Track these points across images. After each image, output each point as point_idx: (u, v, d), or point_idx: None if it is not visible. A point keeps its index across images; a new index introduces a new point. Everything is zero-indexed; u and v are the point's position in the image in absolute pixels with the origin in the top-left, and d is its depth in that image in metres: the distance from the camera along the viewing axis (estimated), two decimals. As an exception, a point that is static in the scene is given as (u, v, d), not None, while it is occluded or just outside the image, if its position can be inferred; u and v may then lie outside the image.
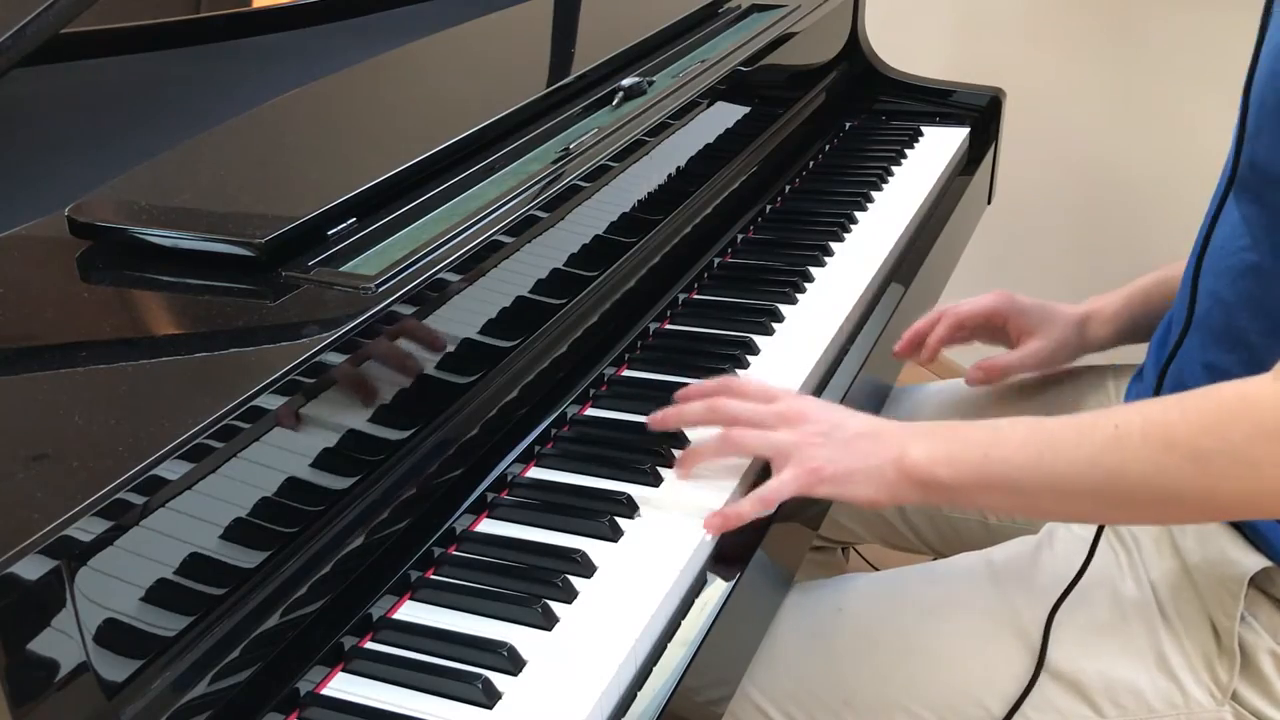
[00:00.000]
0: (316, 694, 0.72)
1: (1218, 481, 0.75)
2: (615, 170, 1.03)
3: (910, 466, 0.83)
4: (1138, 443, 0.77)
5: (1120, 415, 0.79)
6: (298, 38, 1.25)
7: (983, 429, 0.85)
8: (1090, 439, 0.79)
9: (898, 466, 0.84)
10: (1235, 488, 0.75)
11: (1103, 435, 0.78)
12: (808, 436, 0.86)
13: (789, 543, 0.94)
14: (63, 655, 0.58)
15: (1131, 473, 0.77)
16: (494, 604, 0.78)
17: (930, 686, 0.93)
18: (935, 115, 1.59)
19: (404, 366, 0.81)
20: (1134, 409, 0.80)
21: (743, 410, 0.89)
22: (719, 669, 0.83)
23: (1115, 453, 0.78)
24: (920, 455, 0.83)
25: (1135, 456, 0.77)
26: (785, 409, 0.88)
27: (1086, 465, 0.79)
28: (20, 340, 0.75)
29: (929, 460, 0.83)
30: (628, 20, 1.30)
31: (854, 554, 1.69)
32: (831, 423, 0.87)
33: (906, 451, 0.84)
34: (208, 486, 0.66)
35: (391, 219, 0.88)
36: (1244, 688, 0.88)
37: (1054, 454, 0.80)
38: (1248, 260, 0.88)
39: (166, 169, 0.91)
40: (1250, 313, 0.88)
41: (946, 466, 0.83)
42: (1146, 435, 0.77)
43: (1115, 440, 0.78)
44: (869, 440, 0.86)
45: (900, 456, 0.84)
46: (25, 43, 0.80)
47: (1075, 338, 1.13)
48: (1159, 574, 0.92)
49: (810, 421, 0.87)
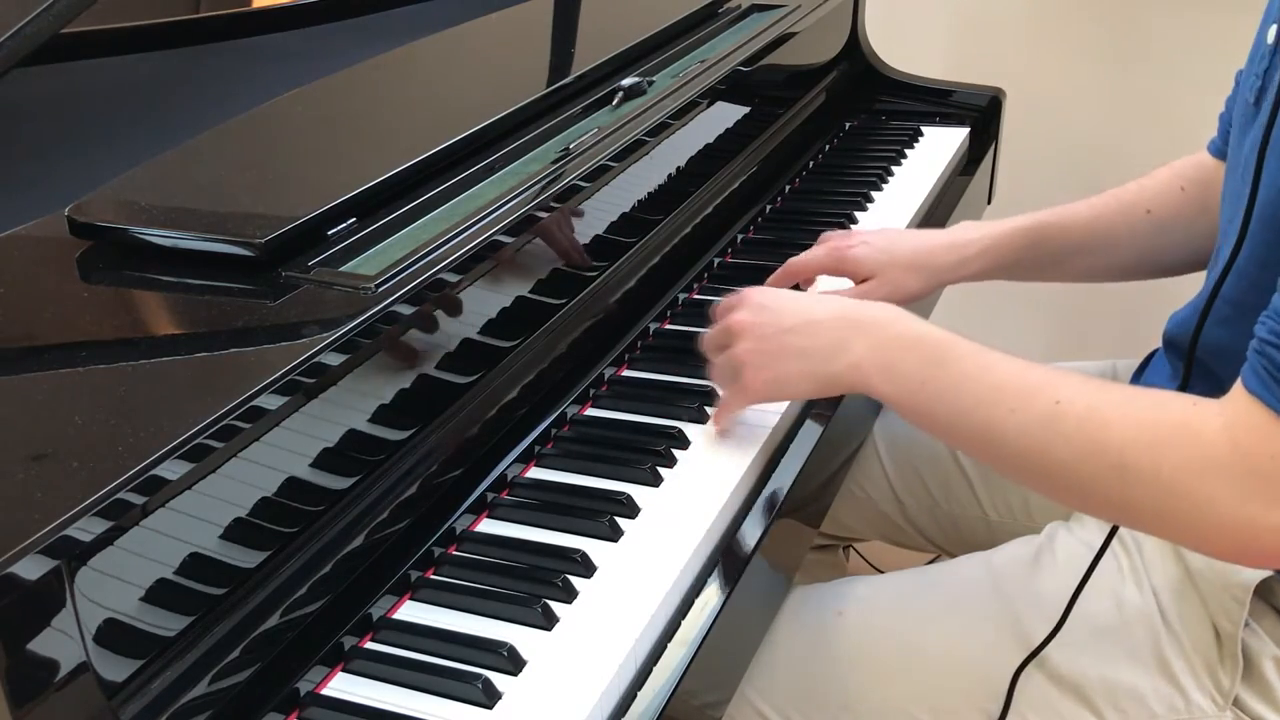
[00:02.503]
0: (316, 694, 0.72)
1: (1136, 497, 0.74)
2: (615, 170, 1.03)
3: (846, 369, 0.84)
4: (1071, 428, 0.75)
5: (1066, 390, 0.76)
6: (298, 38, 1.25)
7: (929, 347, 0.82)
8: (1029, 406, 0.77)
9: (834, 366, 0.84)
10: (1151, 509, 0.74)
11: (1042, 406, 0.76)
12: (746, 346, 0.89)
13: (789, 542, 0.94)
14: (63, 655, 0.58)
15: (1056, 456, 0.76)
16: (494, 604, 0.77)
17: (930, 691, 0.93)
18: (935, 115, 1.59)
19: (404, 367, 0.81)
20: (1082, 387, 0.77)
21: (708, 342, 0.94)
22: (719, 670, 0.83)
23: (1046, 430, 0.76)
24: (856, 358, 0.83)
25: (1065, 442, 0.75)
26: (730, 322, 0.91)
27: (1016, 432, 0.77)
28: (20, 340, 0.75)
29: (866, 367, 0.83)
30: (628, 20, 1.30)
31: (855, 553, 1.69)
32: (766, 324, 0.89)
33: (845, 351, 0.84)
34: (208, 486, 0.66)
35: (391, 219, 0.88)
36: (1246, 694, 0.87)
37: (989, 408, 0.78)
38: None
39: (166, 169, 0.91)
40: None
41: (884, 380, 0.83)
42: (1081, 425, 0.75)
43: (1051, 417, 0.76)
44: (804, 335, 0.86)
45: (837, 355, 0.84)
46: (25, 43, 0.80)
47: (915, 281, 1.09)
48: (1161, 579, 0.92)
49: (747, 330, 0.89)
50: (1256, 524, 0.70)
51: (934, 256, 1.09)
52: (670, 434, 0.93)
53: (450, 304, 0.84)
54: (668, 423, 0.95)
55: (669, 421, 0.95)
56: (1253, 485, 0.69)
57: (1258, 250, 0.85)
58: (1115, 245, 1.10)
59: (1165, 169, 1.10)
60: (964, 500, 1.18)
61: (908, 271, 1.08)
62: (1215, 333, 0.90)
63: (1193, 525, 0.73)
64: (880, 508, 1.22)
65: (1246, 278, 0.86)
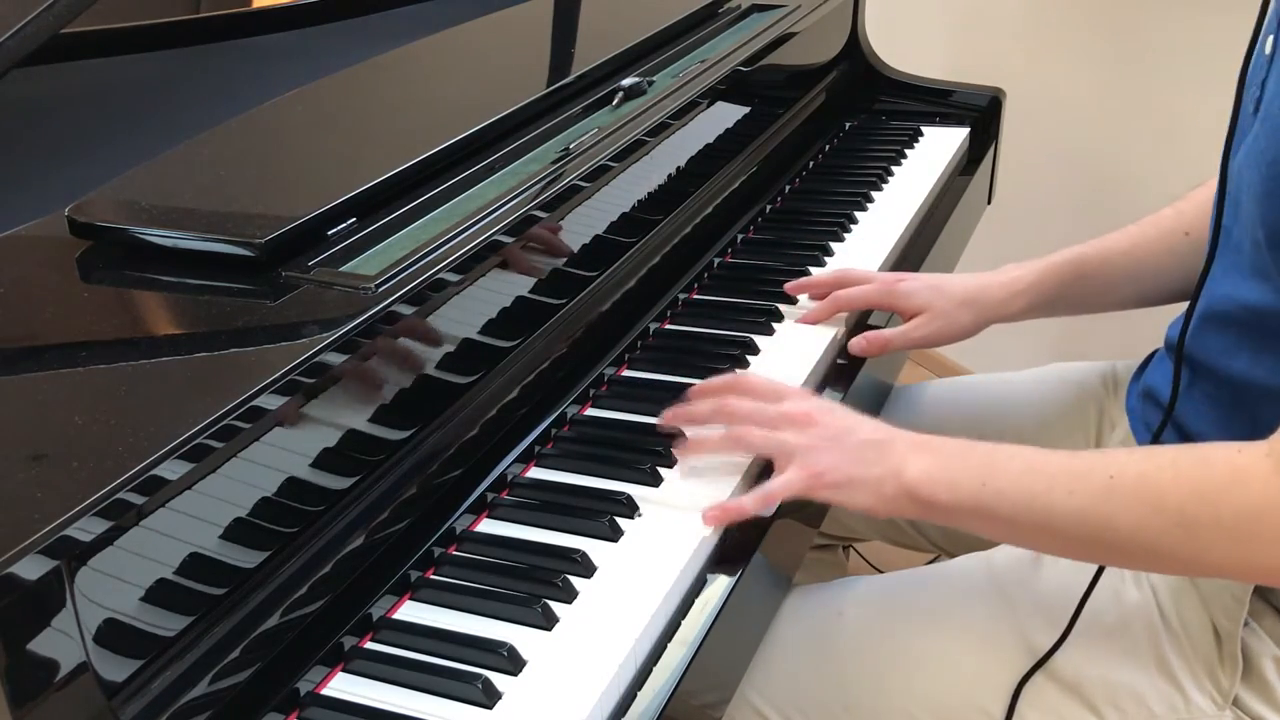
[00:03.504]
0: (316, 694, 0.72)
1: (1204, 549, 0.76)
2: (615, 170, 1.03)
3: (909, 484, 0.83)
4: (1129, 498, 0.77)
5: (1117, 464, 0.79)
6: (298, 38, 1.25)
7: (982, 456, 0.84)
8: (1084, 487, 0.79)
9: (897, 481, 0.84)
10: (1221, 557, 0.76)
11: (1097, 484, 0.78)
12: (813, 440, 0.86)
13: (789, 541, 0.94)
14: (63, 655, 0.58)
15: (1121, 527, 0.78)
16: (494, 604, 0.77)
17: (931, 691, 0.93)
18: (935, 115, 1.59)
19: (404, 366, 0.81)
20: (1131, 459, 0.80)
21: (751, 411, 0.89)
22: (719, 670, 0.83)
23: (1107, 504, 0.78)
24: (920, 474, 0.83)
25: (1126, 511, 0.77)
26: (792, 410, 0.89)
27: (1078, 513, 0.79)
28: (20, 340, 0.75)
29: (928, 480, 0.83)
30: (628, 20, 1.30)
31: (855, 553, 1.69)
32: (838, 427, 0.87)
33: (907, 466, 0.83)
34: (208, 486, 0.66)
35: (391, 219, 0.88)
36: (1246, 694, 0.87)
37: (1048, 497, 0.80)
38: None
39: (166, 169, 0.91)
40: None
41: (945, 490, 0.83)
42: (1138, 492, 0.77)
43: (1108, 491, 0.78)
44: (873, 449, 0.85)
45: (900, 471, 0.84)
46: (25, 43, 0.80)
47: (967, 315, 1.09)
48: (1161, 579, 0.92)
49: (816, 425, 0.87)
50: None
51: (985, 292, 1.09)
52: (670, 434, 0.93)
53: (451, 304, 0.84)
54: (668, 423, 0.95)
55: (669, 421, 0.95)
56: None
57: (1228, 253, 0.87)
58: (1158, 271, 1.09)
59: (1200, 190, 1.09)
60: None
61: (960, 307, 1.08)
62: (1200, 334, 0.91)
63: (1268, 564, 0.75)
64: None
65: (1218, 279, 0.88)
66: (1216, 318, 0.90)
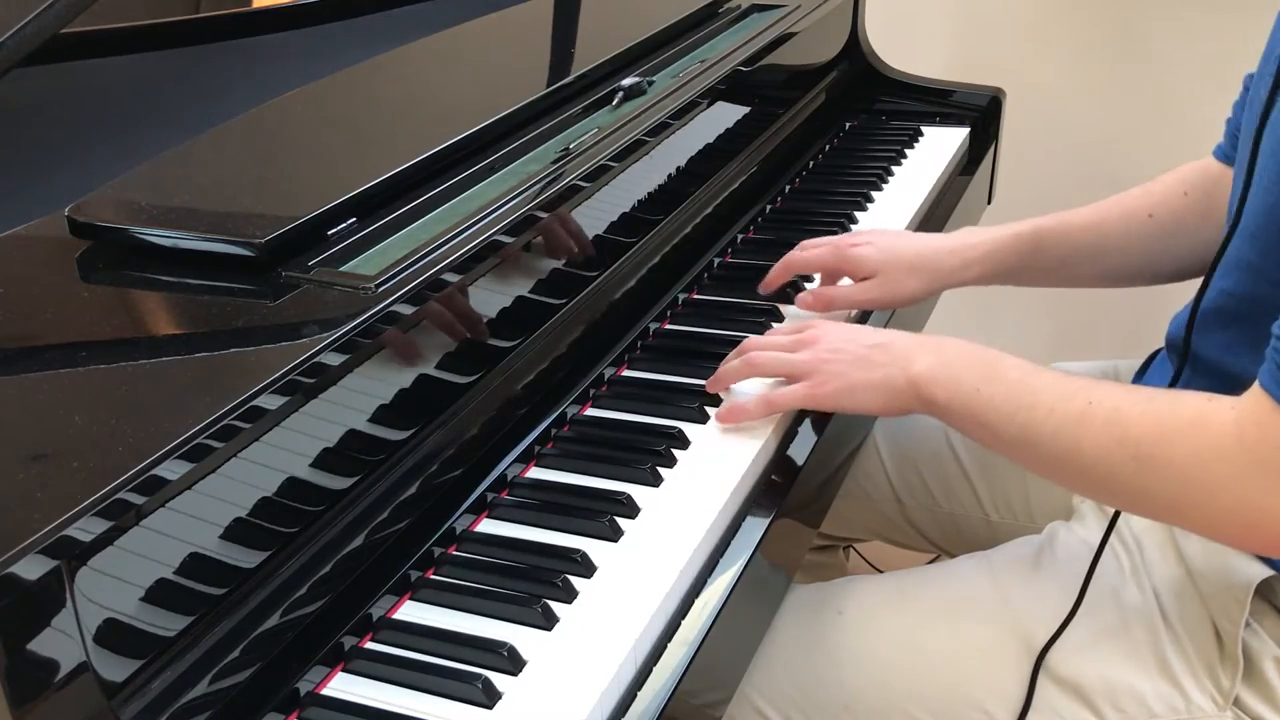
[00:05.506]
0: (316, 694, 0.72)
1: (1151, 487, 0.78)
2: (615, 170, 1.03)
3: (915, 377, 0.88)
4: (1099, 426, 0.80)
5: (1099, 393, 0.82)
6: (298, 38, 1.25)
7: (984, 360, 0.88)
8: (1065, 408, 0.82)
9: (905, 375, 0.89)
10: (1166, 500, 0.79)
11: (1075, 408, 0.81)
12: (820, 354, 0.93)
13: (789, 541, 0.94)
14: (63, 655, 0.58)
15: (1086, 452, 0.81)
16: (494, 604, 0.77)
17: (931, 691, 0.93)
18: (935, 115, 1.59)
19: (404, 366, 0.81)
20: (1113, 391, 0.82)
21: (769, 345, 0.97)
22: (719, 670, 0.83)
23: (1077, 429, 0.81)
24: (925, 369, 0.88)
25: (1092, 439, 0.80)
26: (804, 335, 0.95)
27: (1052, 433, 0.82)
28: (20, 340, 0.75)
29: (931, 376, 0.88)
30: (628, 20, 1.30)
31: (855, 553, 1.69)
32: (843, 338, 0.93)
33: (914, 360, 0.89)
34: (208, 486, 0.66)
35: (391, 219, 0.88)
36: (1246, 694, 0.87)
37: (1030, 412, 0.83)
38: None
39: (166, 169, 0.91)
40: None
41: (943, 388, 0.87)
42: (1108, 421, 0.80)
43: (1082, 417, 0.81)
44: (880, 351, 0.91)
45: (907, 366, 0.89)
46: (25, 43, 0.80)
47: (916, 282, 1.09)
48: (1162, 579, 0.92)
49: (824, 341, 0.93)
50: (1262, 509, 0.74)
51: (936, 259, 1.09)
52: (670, 434, 0.93)
53: (451, 304, 0.84)
54: (668, 423, 0.95)
55: (669, 421, 0.95)
56: (1258, 473, 0.73)
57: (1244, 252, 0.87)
58: (1117, 250, 1.10)
59: (1170, 174, 1.10)
60: (964, 500, 1.18)
61: (909, 273, 1.08)
62: (1205, 330, 0.91)
63: (1202, 511, 0.77)
64: (880, 508, 1.22)
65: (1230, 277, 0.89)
66: (1220, 312, 0.90)
